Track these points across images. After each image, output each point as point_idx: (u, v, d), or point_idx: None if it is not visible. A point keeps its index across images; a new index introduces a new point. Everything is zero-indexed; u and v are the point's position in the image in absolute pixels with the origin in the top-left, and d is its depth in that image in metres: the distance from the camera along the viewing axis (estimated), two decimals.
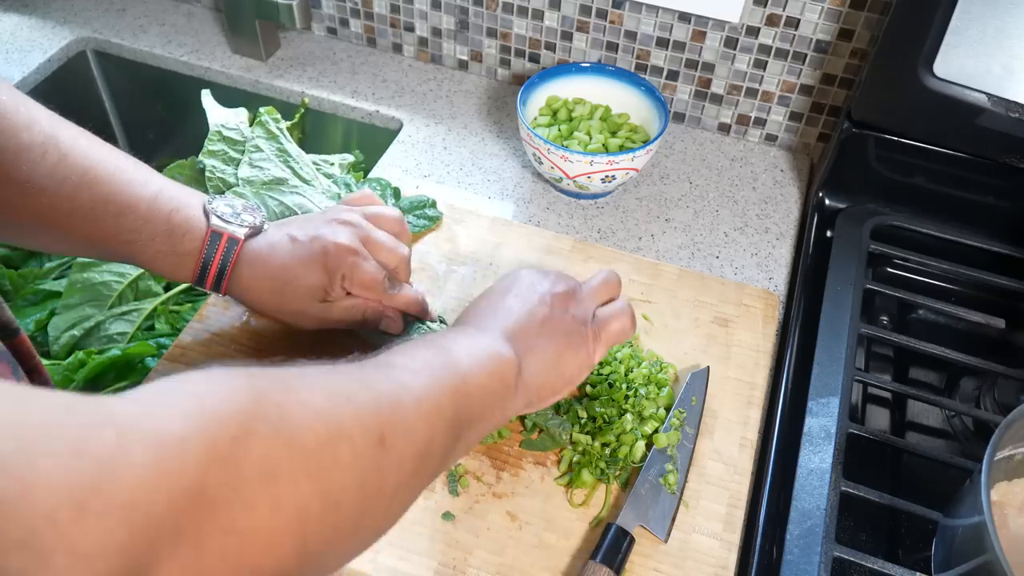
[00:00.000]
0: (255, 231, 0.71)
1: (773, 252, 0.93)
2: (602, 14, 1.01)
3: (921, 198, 0.91)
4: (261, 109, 0.89)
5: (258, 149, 0.87)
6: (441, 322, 0.78)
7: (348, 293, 0.72)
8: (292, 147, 0.89)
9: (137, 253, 0.67)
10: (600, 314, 0.67)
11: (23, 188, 0.61)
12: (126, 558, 0.30)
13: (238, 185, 0.85)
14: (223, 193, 0.85)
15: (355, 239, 0.72)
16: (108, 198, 0.65)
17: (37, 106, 0.64)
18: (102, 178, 0.65)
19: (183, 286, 0.96)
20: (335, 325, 0.74)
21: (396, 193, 0.91)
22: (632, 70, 1.01)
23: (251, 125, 0.91)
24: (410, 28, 1.13)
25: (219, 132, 0.88)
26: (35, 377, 0.55)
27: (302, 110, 1.11)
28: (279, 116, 0.89)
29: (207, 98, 0.95)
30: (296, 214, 0.84)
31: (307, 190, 0.85)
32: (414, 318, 0.77)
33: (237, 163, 0.88)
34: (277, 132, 0.88)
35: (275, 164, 0.86)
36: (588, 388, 0.75)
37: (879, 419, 0.81)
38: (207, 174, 0.89)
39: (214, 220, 0.69)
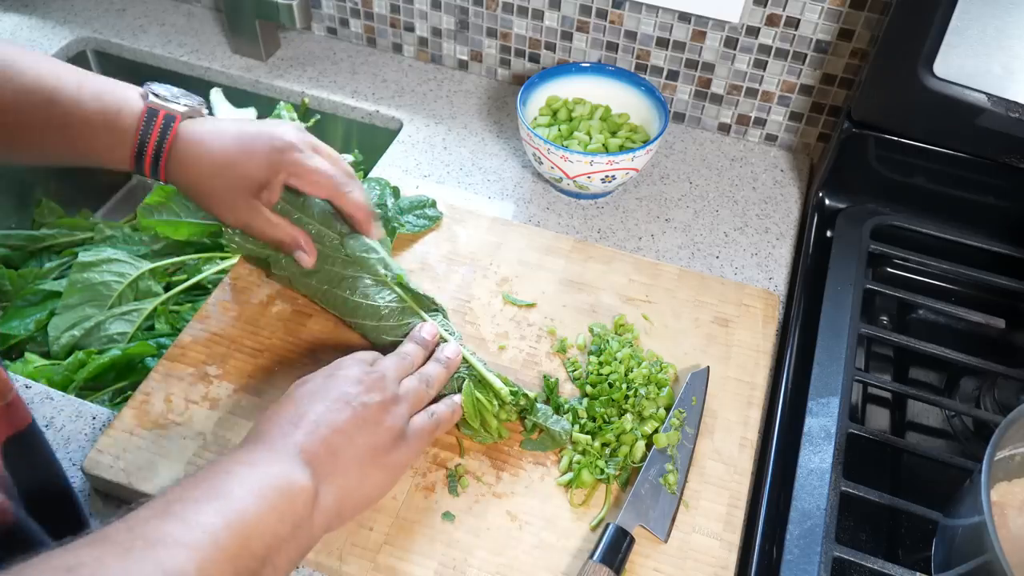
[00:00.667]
0: (193, 112, 0.70)
1: (773, 252, 0.93)
2: (602, 14, 1.01)
3: (921, 198, 0.91)
4: (280, 105, 0.89)
5: None
6: (435, 310, 0.77)
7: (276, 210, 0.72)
8: None
9: (72, 140, 0.67)
10: (415, 423, 0.64)
11: None
12: None
13: None
14: None
15: (302, 140, 0.72)
16: (33, 89, 0.65)
17: None
18: (25, 70, 0.65)
19: (183, 286, 0.96)
20: (255, 234, 0.74)
21: (396, 193, 0.91)
22: (632, 70, 1.01)
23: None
24: (410, 28, 1.13)
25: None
26: (11, 413, 0.53)
27: (301, 111, 1.11)
28: (296, 115, 0.89)
29: (216, 95, 0.94)
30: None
31: None
32: (412, 310, 0.76)
33: None
34: None
35: None
36: (588, 388, 0.75)
37: (879, 419, 0.81)
38: None
39: (151, 98, 0.69)
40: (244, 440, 0.59)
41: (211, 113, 0.90)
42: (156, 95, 0.69)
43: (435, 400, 0.69)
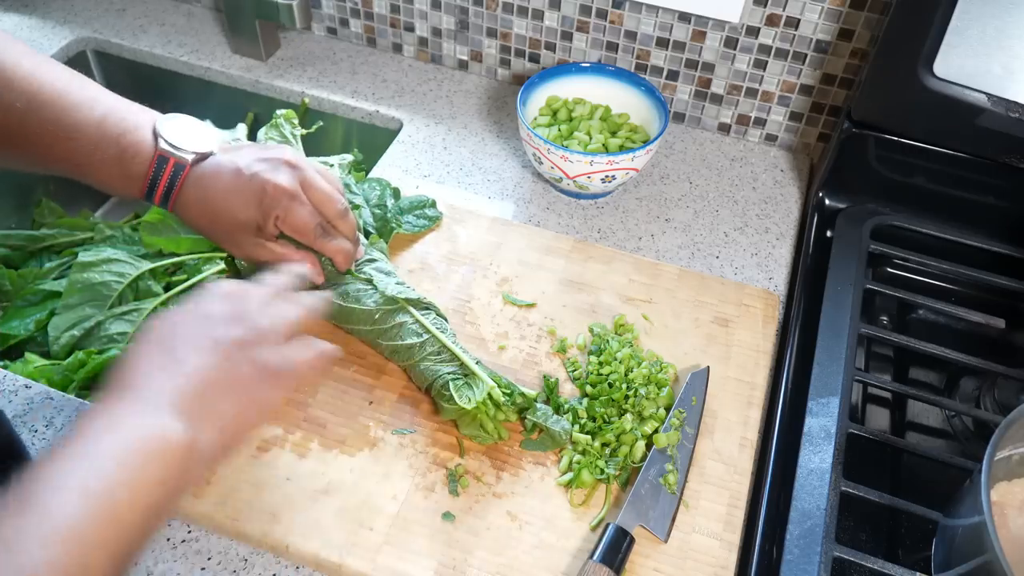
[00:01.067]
0: (202, 157, 0.72)
1: (773, 252, 0.93)
2: (602, 14, 1.01)
3: (921, 198, 0.91)
4: (278, 112, 0.89)
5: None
6: (428, 308, 0.77)
7: (280, 236, 0.74)
8: (301, 152, 0.89)
9: (90, 175, 0.69)
10: (288, 353, 0.59)
11: None
12: None
13: None
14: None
15: (295, 182, 0.73)
16: (57, 122, 0.66)
17: None
18: (49, 102, 0.66)
19: (183, 286, 0.96)
20: (263, 263, 0.75)
21: (396, 193, 0.91)
22: (632, 70, 1.01)
23: (262, 127, 0.91)
24: (410, 28, 1.13)
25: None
26: None
27: (301, 111, 1.11)
28: (296, 122, 0.89)
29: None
30: None
31: None
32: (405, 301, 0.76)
33: None
34: (291, 137, 0.88)
35: None
36: (588, 388, 0.75)
37: (879, 419, 0.81)
38: None
39: (162, 144, 0.70)
40: (107, 390, 0.53)
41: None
42: (168, 141, 0.70)
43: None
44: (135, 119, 0.70)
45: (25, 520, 0.42)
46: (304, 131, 0.92)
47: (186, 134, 0.71)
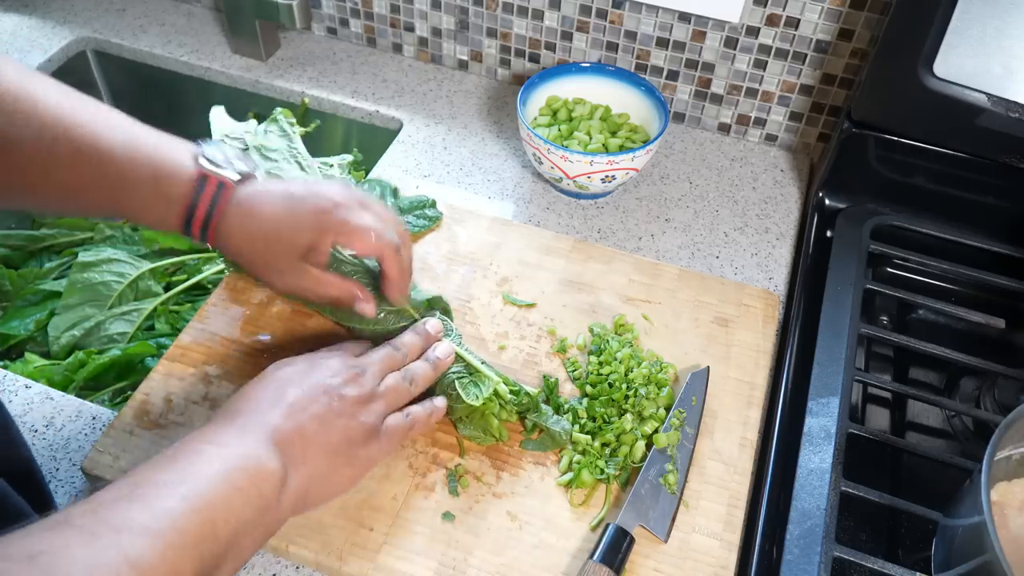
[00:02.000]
0: (246, 177, 0.68)
1: (773, 252, 0.93)
2: (602, 14, 1.01)
3: (921, 198, 0.91)
4: (277, 110, 0.88)
5: (269, 140, 0.87)
6: (433, 308, 0.77)
7: (329, 269, 0.71)
8: (302, 149, 0.89)
9: (122, 201, 0.65)
10: (390, 422, 0.64)
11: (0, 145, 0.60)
12: None
13: None
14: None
15: (350, 197, 0.69)
16: (88, 146, 0.62)
17: (6, 58, 0.62)
18: (79, 126, 0.62)
19: (183, 286, 0.96)
20: (306, 295, 0.72)
21: (395, 192, 0.91)
22: (632, 70, 1.01)
23: (260, 123, 0.91)
24: (410, 28, 1.13)
25: (223, 142, 0.88)
26: None
27: (301, 111, 1.11)
28: (294, 120, 0.89)
29: (217, 112, 0.93)
30: None
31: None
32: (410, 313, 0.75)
33: None
34: (290, 133, 0.88)
35: (284, 158, 0.86)
36: (588, 388, 0.75)
37: (879, 419, 0.81)
38: None
39: (203, 162, 0.66)
40: (216, 416, 0.58)
41: (209, 134, 0.90)
42: (209, 159, 0.66)
43: (422, 399, 0.69)
44: (170, 142, 0.67)
45: (132, 509, 0.45)
46: (303, 129, 0.92)
47: (226, 156, 0.67)
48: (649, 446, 0.72)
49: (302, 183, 0.70)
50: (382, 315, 0.75)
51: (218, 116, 0.92)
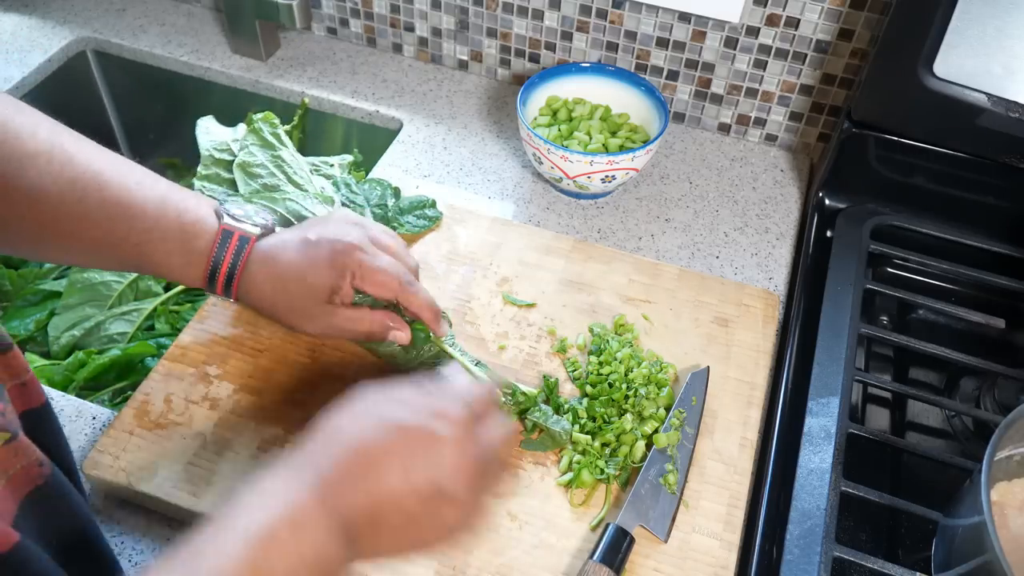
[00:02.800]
0: (266, 231, 0.70)
1: (773, 252, 0.93)
2: (602, 14, 1.01)
3: (921, 198, 0.91)
4: (256, 116, 0.87)
5: (251, 156, 0.85)
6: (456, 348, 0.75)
7: (353, 304, 0.70)
8: (287, 152, 0.87)
9: (148, 255, 0.66)
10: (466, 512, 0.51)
11: (31, 196, 0.61)
12: None
13: (231, 200, 0.83)
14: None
15: (364, 238, 0.70)
16: (117, 201, 0.64)
17: (38, 113, 0.63)
18: (110, 181, 0.64)
19: (183, 286, 0.96)
20: (340, 335, 0.71)
21: (396, 193, 0.91)
22: (632, 70, 1.01)
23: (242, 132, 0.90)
24: (410, 28, 1.13)
25: (210, 156, 0.86)
26: (26, 392, 0.52)
27: (301, 111, 1.10)
28: (276, 121, 0.88)
29: (203, 125, 0.91)
30: (292, 221, 0.83)
31: (301, 196, 0.84)
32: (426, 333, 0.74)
33: (230, 183, 0.86)
34: (272, 139, 0.87)
35: (268, 171, 0.85)
36: (588, 388, 0.75)
37: (879, 419, 0.81)
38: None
39: (226, 219, 0.68)
40: (293, 467, 0.49)
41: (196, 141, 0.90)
42: (231, 215, 0.68)
43: None
44: (195, 200, 0.68)
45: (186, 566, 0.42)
46: (287, 127, 0.91)
47: (247, 212, 0.70)
48: (649, 446, 0.72)
49: (318, 226, 0.71)
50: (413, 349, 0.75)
51: (205, 127, 0.90)
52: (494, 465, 0.52)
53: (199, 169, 0.86)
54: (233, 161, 0.86)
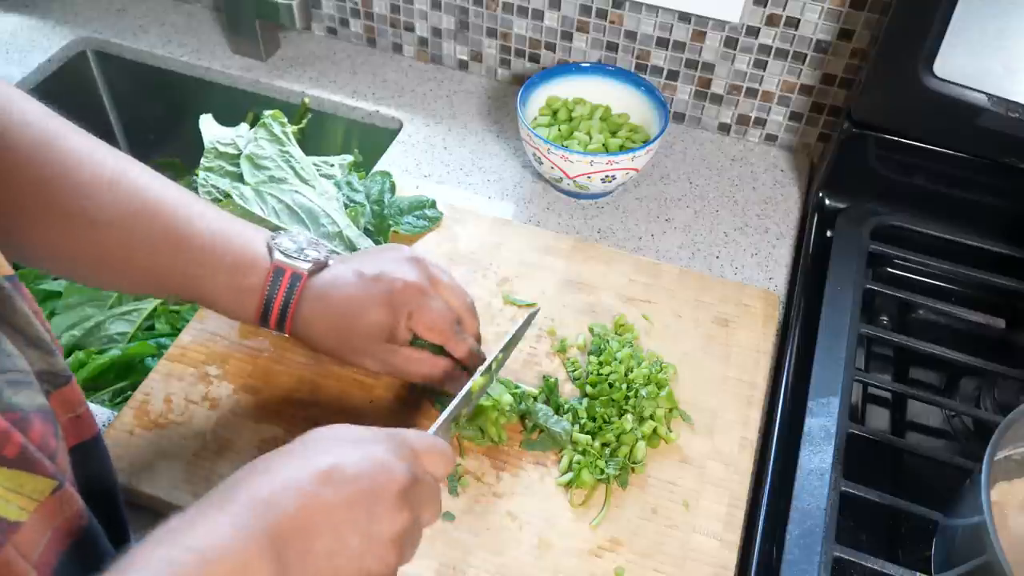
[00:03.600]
0: (319, 266, 0.68)
1: (773, 252, 0.93)
2: (602, 14, 1.01)
3: (921, 198, 0.91)
4: (265, 112, 0.88)
5: (260, 148, 0.86)
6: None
7: (413, 340, 0.69)
8: (295, 150, 0.88)
9: (199, 288, 0.66)
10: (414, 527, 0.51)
11: (90, 221, 0.61)
12: None
13: (235, 189, 0.84)
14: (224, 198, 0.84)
15: (423, 277, 0.69)
16: (171, 229, 0.64)
17: (102, 145, 0.64)
18: (166, 210, 0.64)
19: None
20: (398, 374, 0.71)
21: (392, 187, 0.91)
22: (632, 70, 1.01)
23: (252, 127, 0.91)
24: (410, 28, 1.13)
25: (214, 149, 0.87)
26: (80, 425, 0.51)
27: (309, 114, 1.10)
28: (285, 120, 0.89)
29: (206, 121, 0.93)
30: (297, 212, 0.83)
31: (307, 190, 0.85)
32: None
33: (233, 176, 0.87)
34: (281, 135, 0.88)
35: (276, 164, 0.86)
36: (588, 388, 0.75)
37: (879, 419, 0.81)
38: (199, 183, 0.87)
39: (277, 255, 0.67)
40: (215, 491, 0.48)
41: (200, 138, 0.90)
42: (283, 252, 0.67)
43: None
44: (248, 232, 0.67)
45: None
46: (295, 128, 0.92)
47: (298, 245, 0.68)
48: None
49: (374, 260, 0.70)
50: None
51: (208, 123, 0.91)
52: (418, 528, 0.51)
53: (203, 161, 0.87)
54: (236, 156, 0.87)
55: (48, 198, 0.60)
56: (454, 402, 0.63)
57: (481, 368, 0.67)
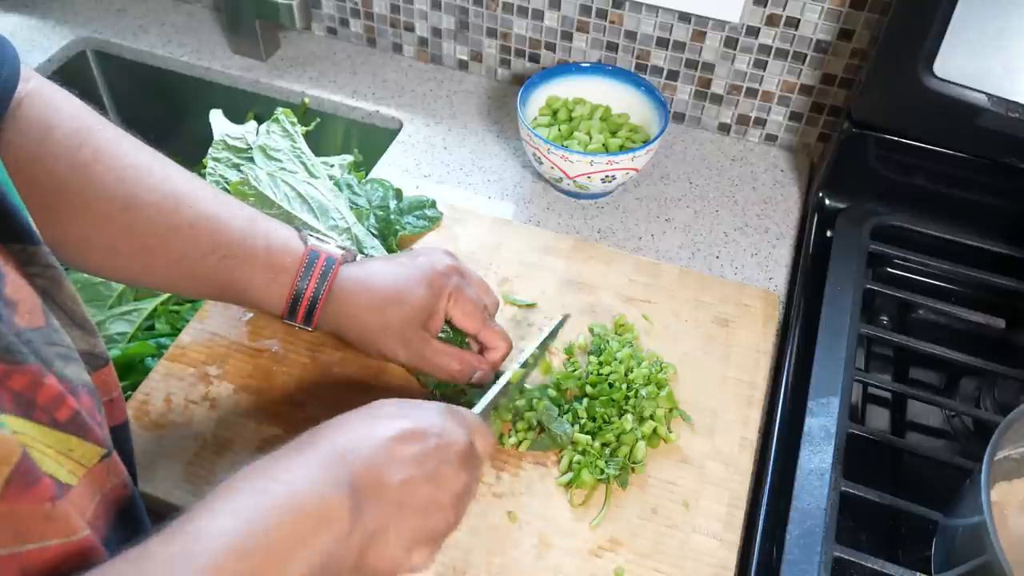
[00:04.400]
0: (348, 256, 0.70)
1: (773, 252, 0.93)
2: (602, 14, 1.01)
3: (921, 198, 0.91)
4: (279, 110, 0.89)
5: (273, 140, 0.87)
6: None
7: (446, 332, 0.71)
8: (305, 147, 0.90)
9: (231, 272, 0.66)
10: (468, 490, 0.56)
11: (126, 206, 0.62)
12: None
13: (250, 171, 0.85)
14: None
15: (457, 265, 0.72)
16: (207, 215, 0.65)
17: (130, 139, 0.65)
18: (200, 197, 0.65)
19: None
20: (425, 367, 0.71)
21: (398, 195, 0.91)
22: (632, 70, 1.01)
23: (260, 125, 0.92)
24: (410, 28, 1.13)
25: (223, 141, 0.88)
26: (114, 409, 0.52)
27: (317, 120, 1.10)
28: (295, 119, 0.90)
29: (216, 115, 0.94)
30: (307, 202, 0.84)
31: (318, 183, 0.86)
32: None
33: (239, 167, 0.88)
34: (292, 132, 0.89)
35: (288, 157, 0.87)
36: (588, 388, 0.75)
37: (879, 419, 0.81)
38: (207, 172, 0.88)
39: (311, 241, 0.68)
40: (295, 441, 0.51)
41: (210, 134, 0.91)
42: (317, 238, 0.69)
43: None
44: (283, 227, 0.69)
45: (179, 569, 0.41)
46: (304, 128, 0.93)
47: (329, 238, 0.71)
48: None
49: (409, 254, 0.73)
50: None
51: (218, 118, 0.93)
52: (473, 493, 0.56)
53: (211, 151, 0.88)
54: (244, 150, 0.88)
55: (84, 183, 0.61)
56: (495, 389, 0.65)
57: (520, 358, 0.69)
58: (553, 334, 0.73)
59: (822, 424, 0.73)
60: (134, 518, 0.49)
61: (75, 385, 0.44)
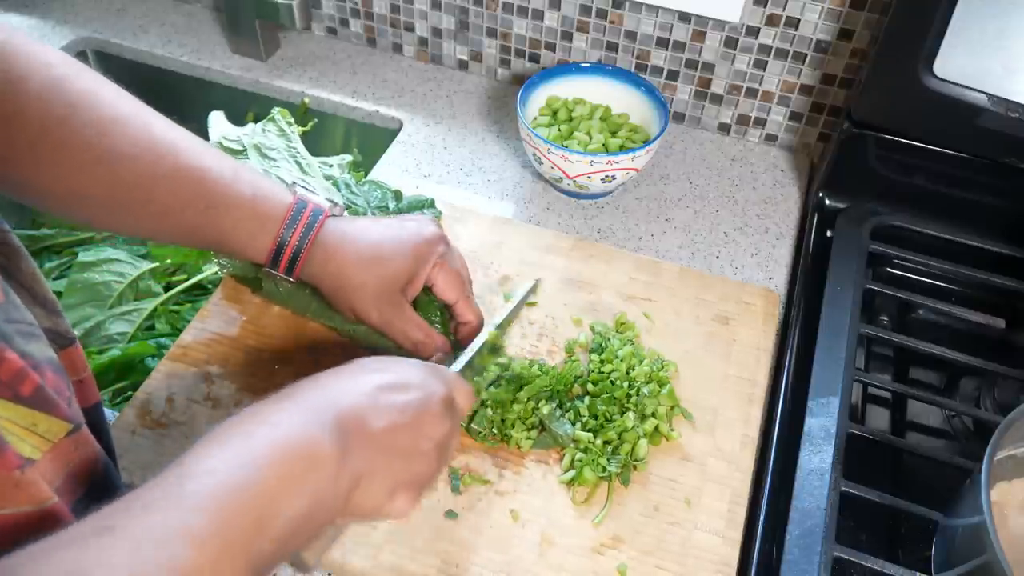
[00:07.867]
0: (336, 210, 0.70)
1: (773, 252, 0.94)
2: (602, 14, 1.02)
3: (921, 198, 0.91)
4: (275, 109, 0.89)
5: (268, 139, 0.87)
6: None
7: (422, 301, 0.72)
8: (302, 148, 0.89)
9: (216, 221, 0.65)
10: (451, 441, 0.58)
11: (108, 157, 0.61)
12: None
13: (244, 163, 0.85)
14: None
15: (443, 235, 0.72)
16: (192, 165, 0.64)
17: (111, 86, 0.64)
18: (186, 149, 0.64)
19: (183, 286, 0.96)
20: (393, 333, 0.70)
21: (398, 196, 0.91)
22: (632, 70, 1.01)
23: (257, 122, 0.92)
24: (410, 28, 1.13)
25: (220, 143, 0.88)
26: (83, 389, 0.52)
27: (315, 120, 1.10)
28: (292, 120, 0.90)
29: (215, 118, 0.93)
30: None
31: (313, 182, 0.86)
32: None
33: None
34: (288, 132, 0.89)
35: (282, 156, 0.87)
36: (590, 386, 0.75)
37: (879, 419, 0.81)
38: None
39: (300, 191, 0.68)
40: (280, 393, 0.51)
41: (208, 136, 0.91)
42: (304, 188, 0.69)
43: None
44: (268, 178, 0.69)
45: (174, 512, 0.41)
46: (301, 129, 0.92)
47: (314, 191, 0.70)
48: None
49: (396, 217, 0.73)
50: None
51: (217, 120, 0.92)
52: (455, 440, 0.57)
53: None
54: (240, 152, 0.88)
55: (62, 136, 0.60)
56: (471, 349, 0.68)
57: (495, 320, 0.71)
58: (525, 298, 0.77)
59: (822, 424, 0.73)
60: (109, 490, 0.49)
61: (38, 361, 0.44)
